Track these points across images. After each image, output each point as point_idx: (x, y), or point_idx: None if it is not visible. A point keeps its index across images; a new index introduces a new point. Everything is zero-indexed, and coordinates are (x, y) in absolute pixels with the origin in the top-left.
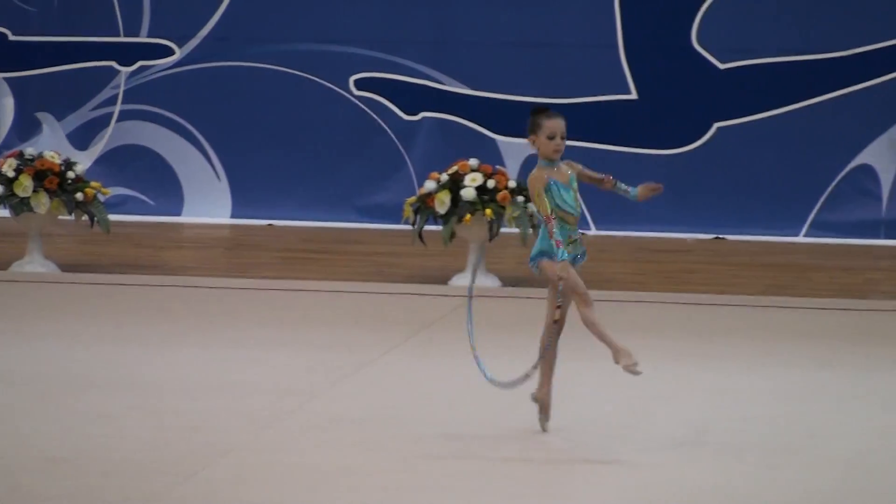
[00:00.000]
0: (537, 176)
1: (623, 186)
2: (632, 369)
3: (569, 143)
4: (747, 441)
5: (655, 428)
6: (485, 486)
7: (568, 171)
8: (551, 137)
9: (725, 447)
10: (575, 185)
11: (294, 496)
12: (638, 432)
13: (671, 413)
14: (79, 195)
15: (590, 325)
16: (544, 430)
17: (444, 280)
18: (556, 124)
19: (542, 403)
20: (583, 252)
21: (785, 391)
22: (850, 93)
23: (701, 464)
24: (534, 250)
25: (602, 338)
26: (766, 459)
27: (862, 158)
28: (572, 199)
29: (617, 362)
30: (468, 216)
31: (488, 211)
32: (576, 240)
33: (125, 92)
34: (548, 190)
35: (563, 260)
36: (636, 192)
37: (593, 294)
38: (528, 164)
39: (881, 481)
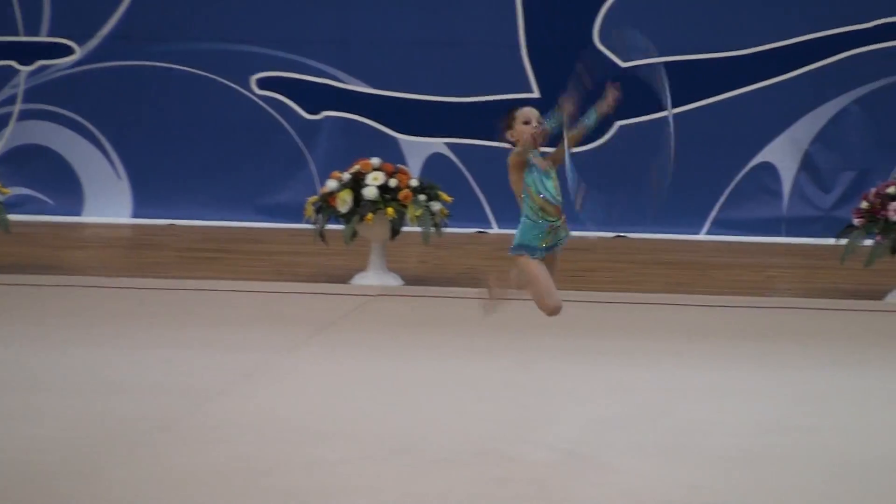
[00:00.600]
0: (518, 151)
1: (588, 120)
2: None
3: (471, 141)
4: (647, 440)
5: (557, 425)
6: (384, 486)
7: (547, 160)
8: (527, 122)
9: (629, 446)
10: (555, 174)
11: (192, 498)
12: (536, 431)
13: (576, 411)
14: None
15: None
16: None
17: (345, 279)
18: (529, 110)
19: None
20: (565, 235)
21: (682, 388)
22: (751, 91)
23: (604, 461)
24: (515, 240)
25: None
26: (661, 457)
27: (763, 156)
28: (553, 188)
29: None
30: (370, 215)
31: (390, 210)
32: (557, 227)
33: (25, 91)
34: (529, 172)
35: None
36: (594, 115)
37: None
38: (430, 162)
39: (766, 476)
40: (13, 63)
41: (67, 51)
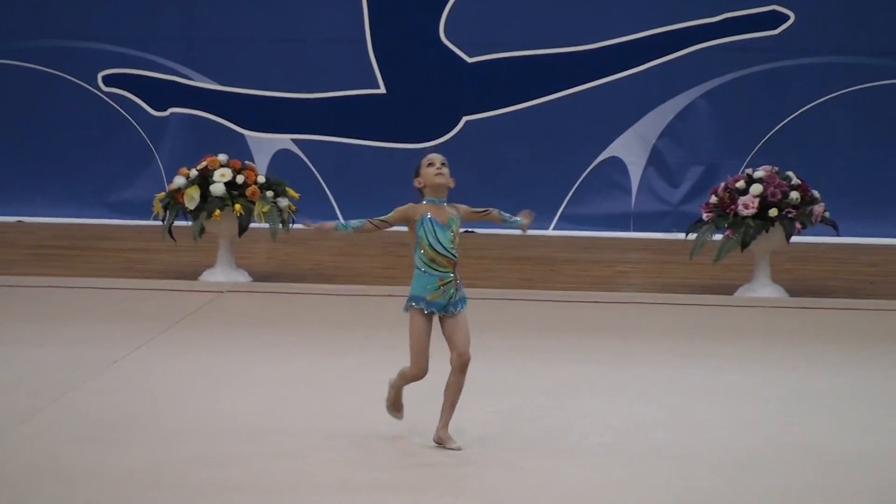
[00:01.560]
0: (414, 205)
1: (506, 216)
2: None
3: (317, 137)
4: (500, 436)
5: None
6: (242, 484)
7: (451, 212)
8: (431, 164)
9: (480, 441)
10: (455, 227)
11: (43, 497)
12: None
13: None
14: None
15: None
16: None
17: (194, 276)
18: (434, 155)
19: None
20: (460, 299)
21: (530, 385)
22: (599, 86)
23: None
24: (410, 290)
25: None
26: (513, 452)
27: (611, 151)
28: (448, 241)
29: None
30: (217, 212)
31: (238, 206)
32: (448, 282)
33: None
34: (421, 224)
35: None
36: (520, 222)
37: (344, 288)
38: (277, 158)
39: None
40: None
41: None
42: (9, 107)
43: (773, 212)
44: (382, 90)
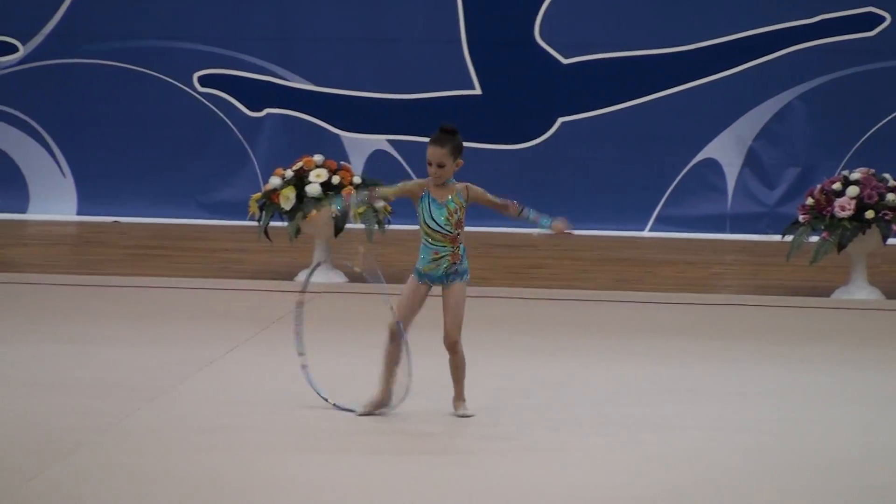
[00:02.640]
0: (420, 183)
1: (532, 215)
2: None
3: (413, 138)
4: (581, 437)
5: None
6: (342, 482)
7: (450, 193)
8: (429, 164)
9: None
10: (453, 206)
11: (137, 497)
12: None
13: (510, 409)
14: None
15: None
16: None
17: (290, 276)
18: (431, 152)
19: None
20: (456, 272)
21: (628, 386)
22: (695, 87)
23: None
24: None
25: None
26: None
27: (707, 153)
28: (443, 219)
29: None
30: (313, 212)
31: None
32: (442, 256)
33: None
34: (421, 201)
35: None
36: (549, 224)
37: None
38: (373, 159)
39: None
40: None
41: (10, 49)
42: (104, 107)
43: (869, 214)
44: (478, 91)
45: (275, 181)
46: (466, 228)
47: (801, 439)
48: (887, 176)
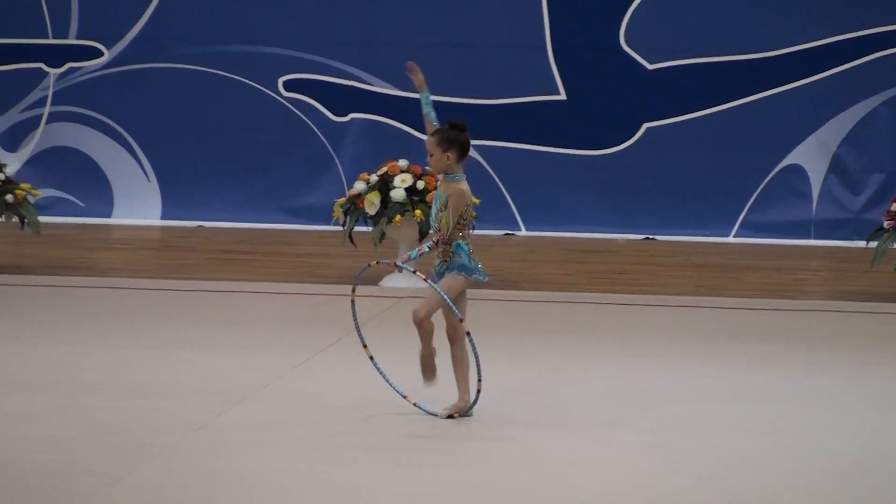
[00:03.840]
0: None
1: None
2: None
3: (498, 144)
4: (665, 443)
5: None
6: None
7: (444, 191)
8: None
9: (644, 448)
10: (438, 203)
11: (224, 500)
12: (566, 430)
13: (593, 412)
14: (9, 197)
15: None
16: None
17: (374, 281)
18: (426, 142)
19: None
20: (447, 269)
21: (711, 391)
22: (779, 93)
23: (621, 460)
24: (463, 262)
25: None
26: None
27: (792, 159)
28: (433, 215)
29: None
30: (398, 217)
31: (418, 212)
32: (438, 252)
33: (54, 94)
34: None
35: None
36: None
37: (525, 294)
38: None
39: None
40: (42, 65)
41: (96, 53)
42: (190, 111)
43: None
44: (563, 97)
45: (359, 186)
46: (550, 234)
47: (881, 443)
48: None
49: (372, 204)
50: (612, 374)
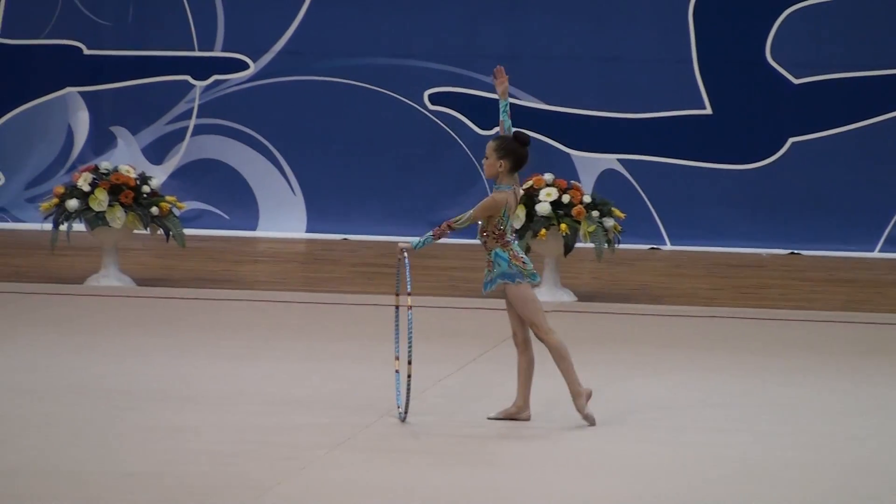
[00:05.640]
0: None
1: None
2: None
3: (643, 157)
4: (814, 459)
5: (717, 441)
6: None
7: None
8: None
9: (794, 464)
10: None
11: None
12: (702, 448)
13: (738, 427)
14: (154, 209)
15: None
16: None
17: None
18: None
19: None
20: (490, 280)
21: (857, 408)
22: None
23: (768, 482)
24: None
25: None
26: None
27: None
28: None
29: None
30: (543, 231)
31: (563, 226)
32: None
33: (200, 106)
34: None
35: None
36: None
37: (670, 308)
38: (603, 178)
39: None
40: (188, 78)
41: (242, 66)
42: (335, 124)
43: None
44: (709, 111)
45: None
46: (696, 248)
47: None
48: None
49: (517, 217)
50: (755, 388)
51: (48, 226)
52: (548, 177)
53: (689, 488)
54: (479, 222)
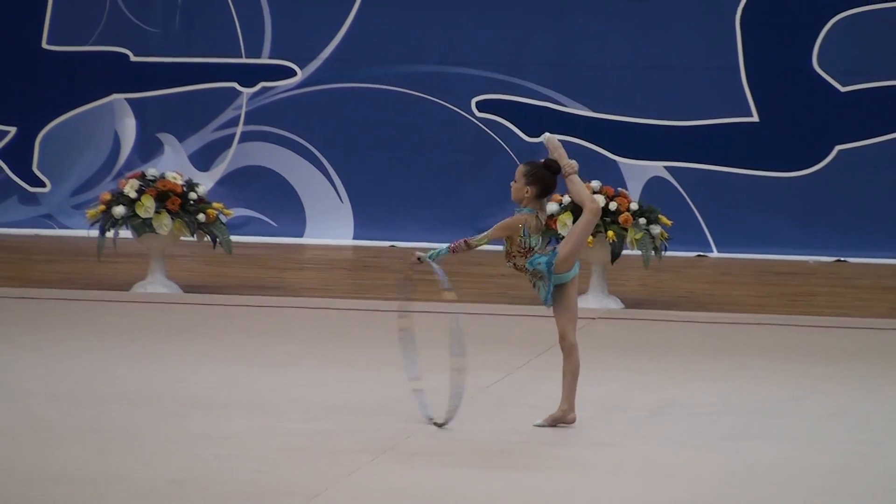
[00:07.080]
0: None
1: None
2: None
3: (690, 165)
4: (857, 467)
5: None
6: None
7: None
8: None
9: (837, 471)
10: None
11: None
12: (741, 455)
13: (782, 433)
14: (201, 216)
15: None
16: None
17: None
18: None
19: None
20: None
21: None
22: None
23: (811, 488)
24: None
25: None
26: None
27: None
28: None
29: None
30: (590, 238)
31: (610, 233)
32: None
33: (247, 113)
34: None
35: None
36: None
37: (717, 315)
38: (650, 186)
39: None
40: (235, 85)
41: (289, 73)
42: (382, 131)
43: None
44: (755, 118)
45: (552, 207)
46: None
47: None
48: None
49: (564, 225)
50: (803, 395)
51: (94, 233)
52: (595, 184)
53: (738, 495)
54: (505, 247)
